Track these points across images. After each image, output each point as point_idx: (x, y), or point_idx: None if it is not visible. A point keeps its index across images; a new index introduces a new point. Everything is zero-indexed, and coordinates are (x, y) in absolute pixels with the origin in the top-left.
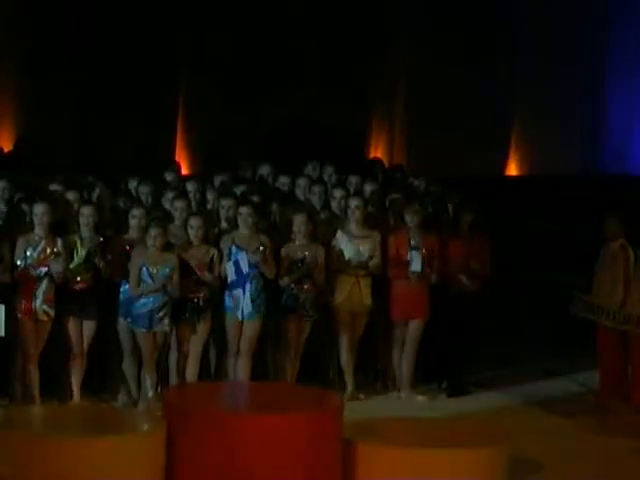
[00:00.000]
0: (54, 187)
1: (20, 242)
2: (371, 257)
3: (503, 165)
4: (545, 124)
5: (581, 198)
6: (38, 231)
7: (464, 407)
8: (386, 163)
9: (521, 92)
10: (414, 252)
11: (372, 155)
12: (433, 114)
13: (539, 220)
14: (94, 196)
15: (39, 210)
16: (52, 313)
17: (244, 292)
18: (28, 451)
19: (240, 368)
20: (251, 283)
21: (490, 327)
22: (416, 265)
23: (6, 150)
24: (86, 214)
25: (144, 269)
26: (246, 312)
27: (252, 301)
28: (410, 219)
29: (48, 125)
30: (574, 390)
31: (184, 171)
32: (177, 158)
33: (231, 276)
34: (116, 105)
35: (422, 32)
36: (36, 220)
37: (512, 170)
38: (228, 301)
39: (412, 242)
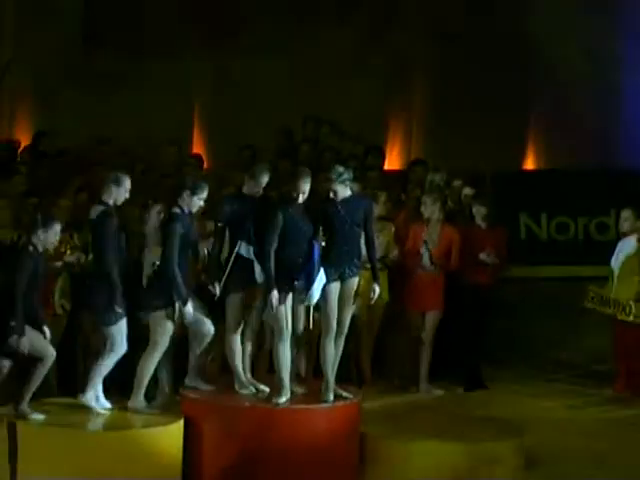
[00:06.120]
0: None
1: None
2: (386, 250)
3: (520, 159)
4: (562, 119)
5: (597, 192)
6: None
7: (481, 401)
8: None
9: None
10: (424, 248)
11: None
12: (451, 108)
13: (556, 214)
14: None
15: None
16: (68, 307)
17: None
18: None
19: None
20: None
21: (506, 320)
22: (425, 260)
23: (24, 144)
24: None
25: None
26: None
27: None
28: (428, 212)
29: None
30: (590, 383)
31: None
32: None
33: None
34: None
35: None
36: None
37: (529, 164)
38: None
39: (425, 237)
